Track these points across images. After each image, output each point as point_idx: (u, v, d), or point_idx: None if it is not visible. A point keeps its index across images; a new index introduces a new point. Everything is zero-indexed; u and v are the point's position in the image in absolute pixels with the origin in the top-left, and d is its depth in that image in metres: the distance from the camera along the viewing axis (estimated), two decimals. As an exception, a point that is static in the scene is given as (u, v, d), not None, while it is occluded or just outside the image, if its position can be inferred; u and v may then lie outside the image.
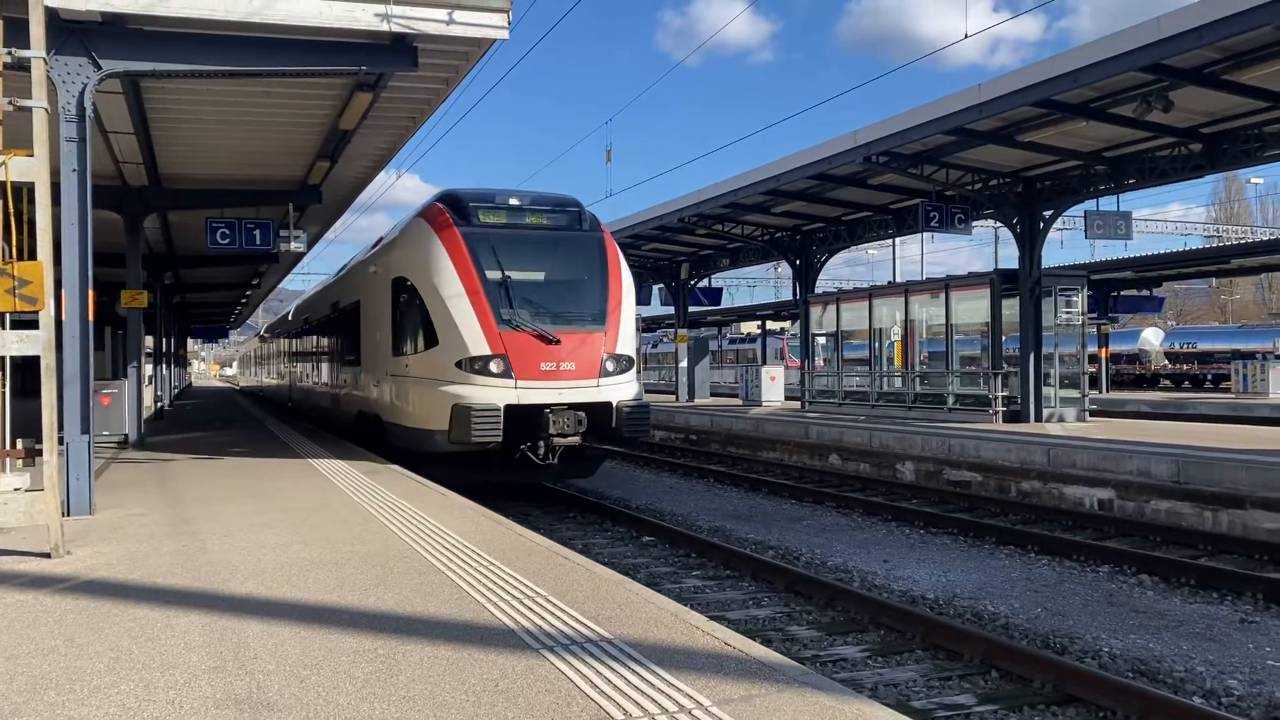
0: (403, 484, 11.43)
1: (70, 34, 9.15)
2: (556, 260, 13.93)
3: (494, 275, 13.12)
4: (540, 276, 13.71)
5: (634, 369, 13.82)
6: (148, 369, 26.92)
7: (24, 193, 7.45)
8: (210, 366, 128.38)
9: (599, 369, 13.12)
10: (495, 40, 10.18)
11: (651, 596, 6.02)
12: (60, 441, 7.95)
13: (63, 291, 8.78)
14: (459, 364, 12.72)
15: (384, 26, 9.57)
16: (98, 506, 9.47)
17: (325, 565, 6.93)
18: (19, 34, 7.58)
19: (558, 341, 12.90)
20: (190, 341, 71.51)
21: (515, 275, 13.29)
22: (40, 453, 7.65)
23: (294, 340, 30.28)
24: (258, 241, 17.54)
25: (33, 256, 7.40)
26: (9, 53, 7.49)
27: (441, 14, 9.71)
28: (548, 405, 12.66)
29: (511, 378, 12.62)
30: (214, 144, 15.08)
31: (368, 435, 16.47)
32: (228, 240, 17.41)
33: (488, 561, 7.00)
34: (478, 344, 12.69)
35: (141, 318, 18.49)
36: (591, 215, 14.64)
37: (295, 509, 9.57)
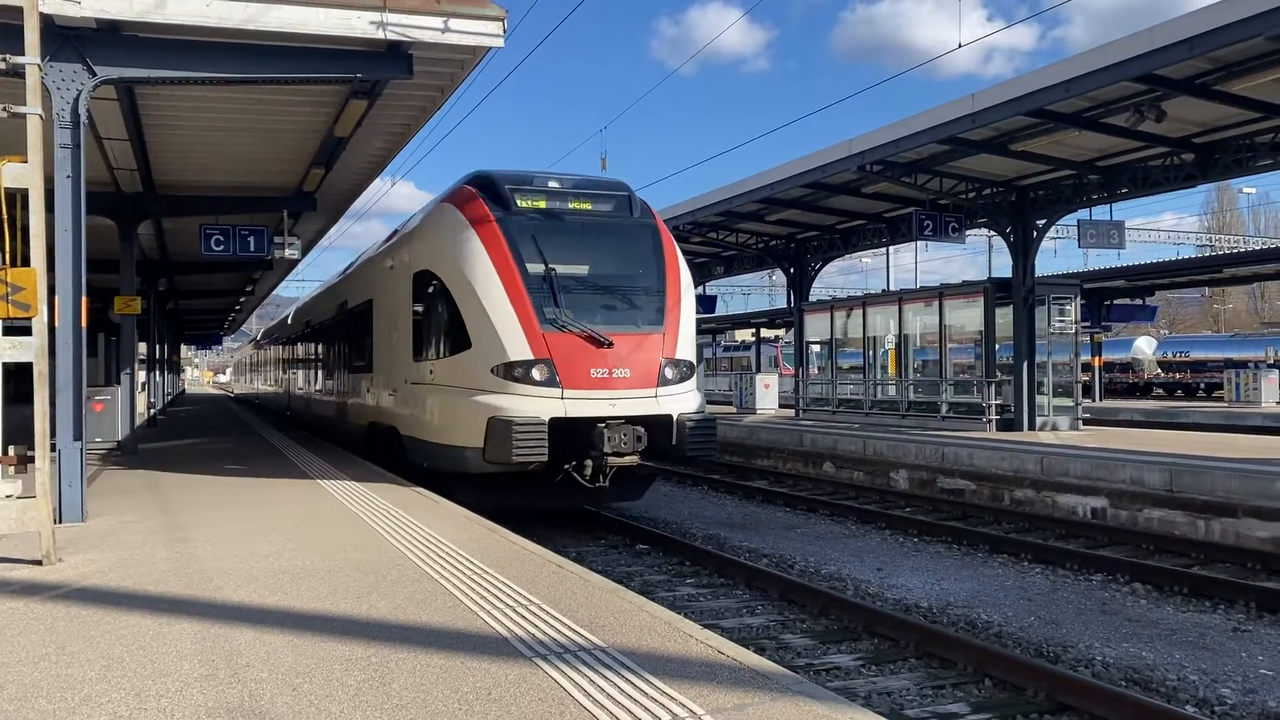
0: (396, 492, 11.41)
1: (65, 40, 9.15)
2: (606, 251, 12.32)
3: (536, 268, 11.48)
4: (588, 270, 12.08)
5: (695, 376, 12.29)
6: (141, 375, 26.87)
7: (18, 199, 7.44)
8: (204, 373, 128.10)
9: (657, 376, 11.47)
10: (490, 48, 10.20)
11: (645, 605, 6.01)
12: (53, 448, 7.92)
13: (56, 298, 8.76)
14: (495, 370, 11.10)
15: (379, 34, 9.58)
16: (90, 513, 9.44)
17: (318, 573, 6.92)
18: (14, 40, 7.58)
19: (610, 344, 11.24)
20: (184, 348, 71.38)
21: (560, 268, 11.65)
22: (32, 459, 7.62)
23: (293, 345, 28.72)
24: (252, 248, 17.50)
25: (26, 262, 7.38)
26: (3, 59, 7.49)
27: (437, 22, 9.73)
28: (600, 419, 11.00)
29: (557, 386, 10.98)
30: (209, 150, 15.07)
31: (381, 450, 14.92)
32: (222, 247, 17.37)
33: (481, 569, 6.99)
34: (518, 347, 11.03)
35: (135, 324, 18.46)
36: (642, 201, 12.99)
37: (288, 516, 9.54)
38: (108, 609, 5.97)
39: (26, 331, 7.35)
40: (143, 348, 29.56)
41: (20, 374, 7.79)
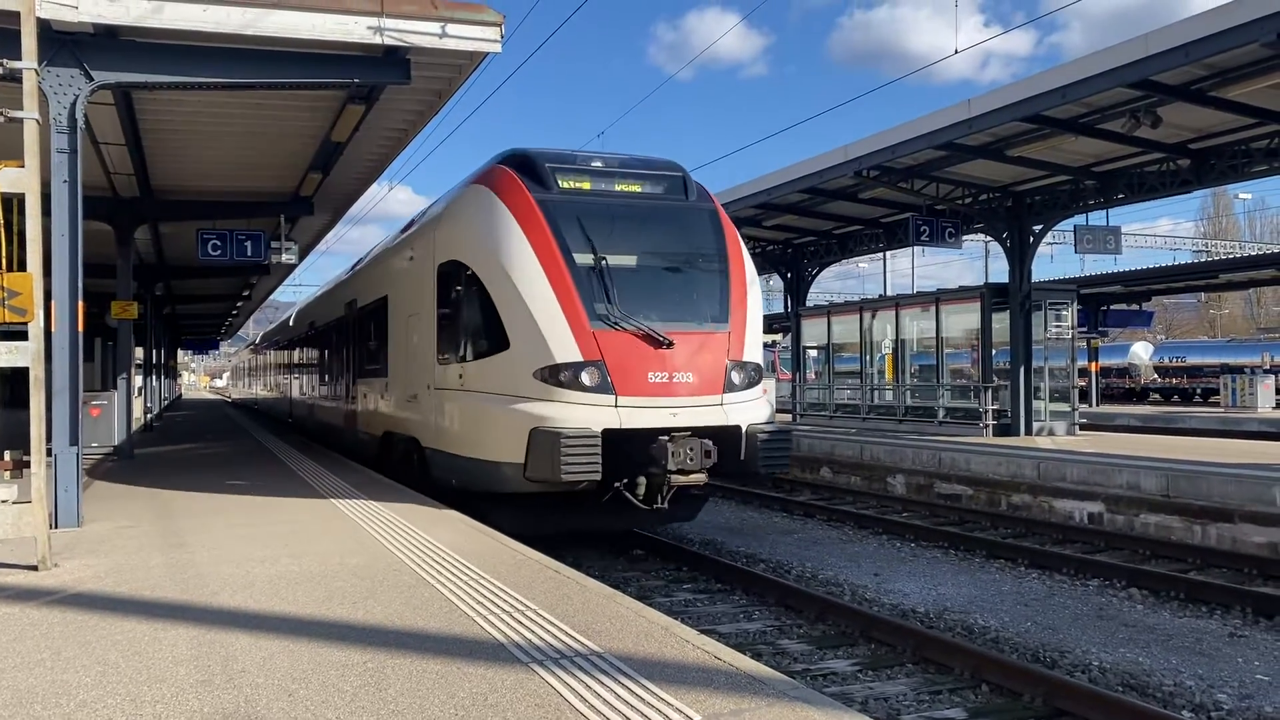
0: (392, 496, 11.39)
1: (62, 45, 9.15)
2: (661, 238, 11.01)
3: (584, 257, 10.18)
4: (642, 259, 10.77)
5: (763, 382, 10.99)
6: (137, 380, 26.83)
7: (14, 204, 7.44)
8: (200, 378, 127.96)
9: (723, 381, 10.14)
10: (488, 54, 10.21)
11: (642, 610, 6.01)
12: (49, 453, 7.91)
13: (52, 303, 8.75)
14: (538, 374, 9.75)
15: (377, 39, 9.59)
16: (86, 518, 9.42)
17: (314, 578, 6.91)
18: (11, 45, 7.58)
19: (670, 345, 9.90)
20: (180, 353, 71.32)
21: (611, 257, 10.33)
22: (28, 464, 7.61)
23: (296, 348, 27.15)
24: (249, 253, 17.51)
25: (22, 268, 7.38)
26: (1, 64, 7.49)
27: (434, 27, 9.74)
28: (659, 431, 9.68)
29: (610, 393, 9.64)
30: (206, 155, 15.06)
31: (399, 464, 13.67)
32: (219, 252, 17.37)
33: (477, 575, 6.98)
34: (564, 347, 9.70)
35: (131, 329, 18.41)
36: (698, 183, 11.68)
37: (284, 521, 9.53)
38: (103, 614, 5.95)
39: (23, 336, 7.34)
40: (139, 352, 29.54)
41: (16, 379, 7.79)
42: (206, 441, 22.39)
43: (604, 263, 10.23)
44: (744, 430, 10.11)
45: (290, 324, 29.29)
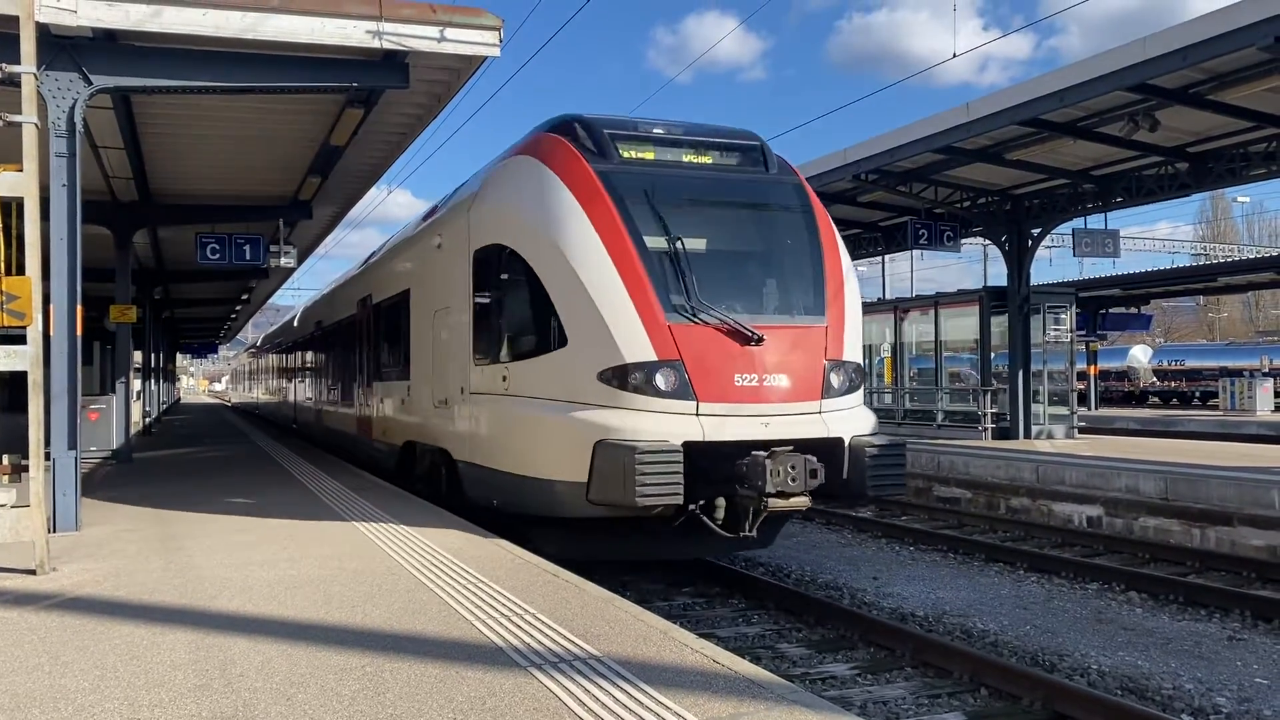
0: (390, 499, 11.38)
1: (61, 49, 9.16)
2: (744, 216, 9.65)
3: (655, 239, 8.78)
4: (722, 241, 9.42)
5: (864, 386, 9.69)
6: (136, 384, 26.83)
7: (13, 207, 7.44)
8: (199, 382, 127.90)
9: (820, 385, 8.71)
10: (487, 57, 10.21)
11: (641, 614, 6.00)
12: (47, 457, 7.91)
13: (51, 307, 8.74)
14: (603, 376, 8.35)
15: (376, 43, 9.60)
16: (84, 523, 9.41)
17: (313, 582, 6.90)
18: (9, 49, 7.59)
19: (760, 340, 8.45)
20: (179, 357, 71.31)
21: (686, 238, 8.92)
22: (27, 468, 7.61)
23: (302, 350, 25.64)
24: (248, 257, 17.51)
25: (21, 271, 7.38)
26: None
27: (433, 31, 9.75)
28: (750, 444, 8.16)
29: (691, 398, 8.23)
30: (204, 159, 15.07)
31: (425, 478, 12.34)
32: (218, 255, 17.38)
33: (476, 578, 6.97)
34: (635, 344, 8.28)
35: (130, 333, 18.42)
36: (778, 156, 10.27)
37: (283, 525, 9.52)
38: (102, 618, 5.95)
39: (21, 340, 7.34)
40: (138, 356, 29.53)
41: (15, 383, 7.79)
42: (205, 446, 22.38)
43: (679, 244, 8.78)
44: (847, 444, 8.65)
45: (295, 324, 27.80)
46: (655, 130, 9.75)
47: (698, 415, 8.21)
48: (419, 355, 12.51)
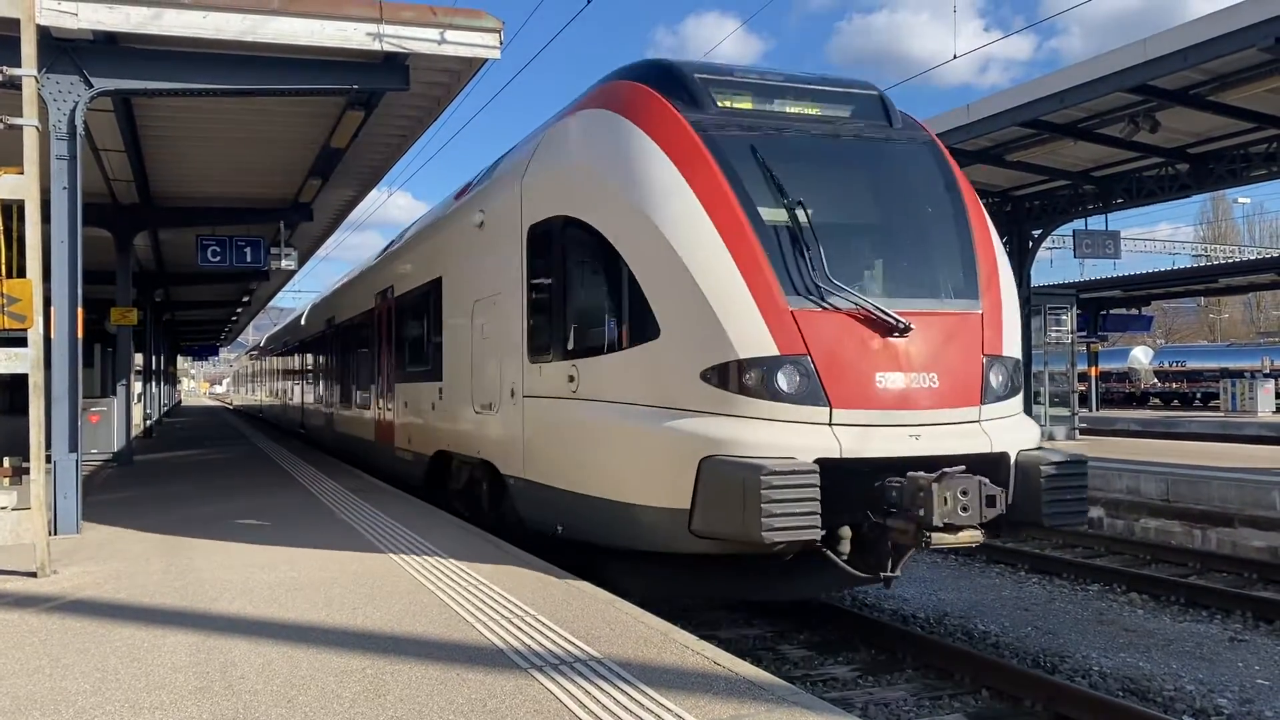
0: (390, 502, 11.38)
1: (62, 52, 9.16)
2: (873, 180, 8.02)
3: (770, 207, 7.15)
4: (848, 209, 7.85)
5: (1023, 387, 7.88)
6: (137, 387, 26.84)
7: (14, 210, 7.45)
8: (200, 384, 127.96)
9: (979, 386, 7.05)
10: (487, 60, 10.22)
11: (642, 615, 6.00)
12: (48, 460, 7.92)
13: (52, 309, 8.75)
14: (708, 375, 6.74)
15: (376, 46, 9.60)
16: (85, 525, 9.40)
17: (313, 584, 6.90)
18: (10, 52, 7.60)
19: (906, 330, 6.82)
20: (180, 359, 71.35)
21: (807, 205, 7.21)
22: (28, 471, 7.61)
23: (311, 349, 24.19)
24: (248, 259, 17.53)
25: (22, 274, 7.39)
26: (0, 71, 7.50)
27: (433, 34, 9.75)
28: (899, 461, 6.57)
29: (823, 403, 6.61)
30: (205, 161, 15.08)
31: (465, 493, 10.82)
32: (218, 258, 17.40)
33: (476, 580, 6.97)
34: (751, 335, 6.65)
35: (131, 335, 18.45)
36: (902, 112, 8.68)
37: (284, 527, 9.52)
38: (102, 621, 5.95)
39: (22, 343, 7.35)
40: (139, 359, 29.54)
41: (16, 385, 7.79)
42: (207, 449, 22.38)
43: (800, 211, 7.15)
44: (1013, 460, 7.00)
45: (303, 322, 26.20)
46: (754, 77, 8.25)
47: (830, 425, 6.61)
48: (453, 352, 11.06)
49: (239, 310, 39.81)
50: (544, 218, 8.40)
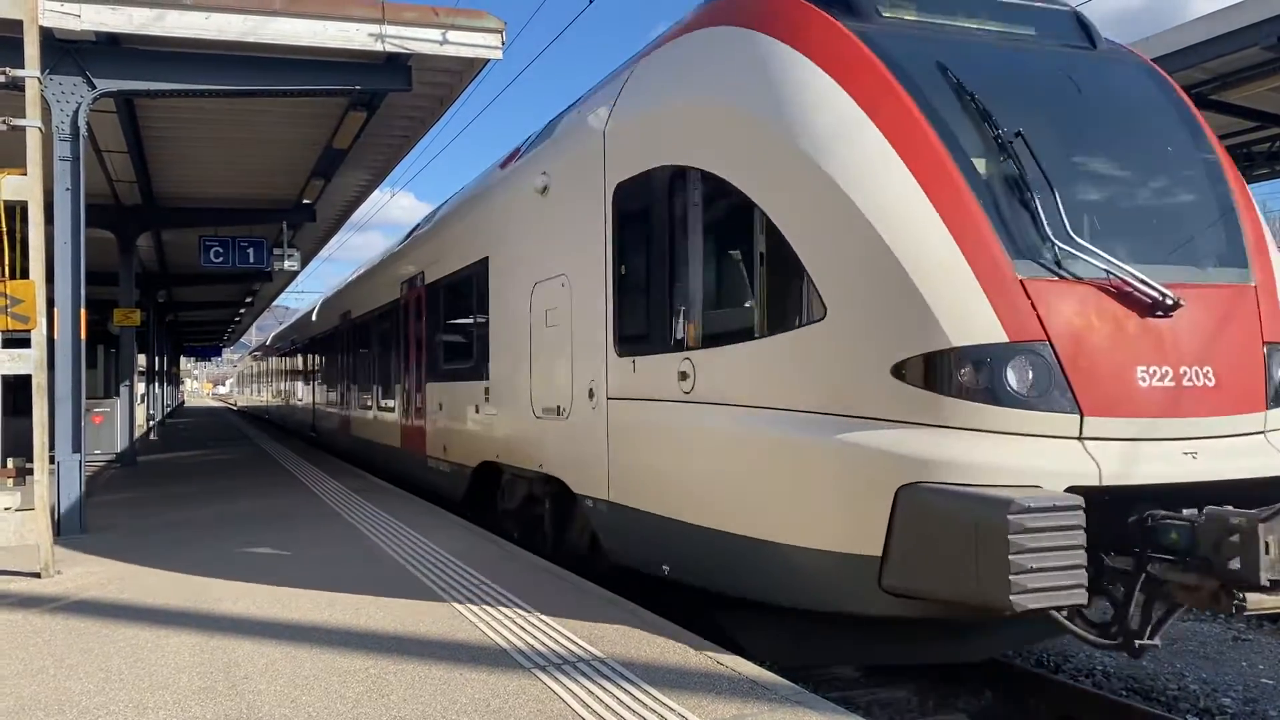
0: (392, 501, 11.38)
1: (65, 54, 9.18)
2: (1099, 113, 6.00)
3: (981, 148, 5.40)
4: (1071, 152, 5.77)
5: None
6: (140, 388, 26.87)
7: (17, 211, 7.46)
8: (203, 385, 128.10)
9: (1263, 385, 5.29)
10: (489, 60, 10.24)
11: (644, 615, 5.99)
12: (52, 460, 7.93)
13: (55, 310, 8.77)
14: (901, 370, 4.97)
15: (378, 46, 9.62)
16: (89, 526, 9.42)
17: (316, 584, 6.90)
18: (13, 53, 7.61)
19: (1174, 307, 5.08)
20: (183, 360, 71.44)
21: (1034, 145, 5.40)
22: (31, 472, 7.62)
23: (323, 346, 22.57)
24: (251, 260, 17.57)
25: (25, 275, 7.40)
26: (3, 72, 7.53)
27: (435, 34, 9.76)
28: (1170, 488, 4.82)
29: (1071, 408, 4.84)
30: (208, 162, 15.10)
31: (522, 514, 9.29)
32: (221, 258, 17.43)
33: (479, 580, 6.97)
34: (968, 312, 4.88)
35: (134, 336, 18.47)
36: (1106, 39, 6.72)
37: (287, 528, 9.53)
38: (106, 621, 5.96)
39: (26, 344, 7.37)
40: (142, 359, 29.58)
41: (19, 386, 7.81)
42: (210, 449, 22.40)
43: (1021, 151, 5.34)
44: None
45: (314, 318, 24.28)
46: None
47: (1081, 439, 4.84)
48: (505, 346, 9.44)
49: (242, 311, 39.87)
50: (640, 170, 6.72)
